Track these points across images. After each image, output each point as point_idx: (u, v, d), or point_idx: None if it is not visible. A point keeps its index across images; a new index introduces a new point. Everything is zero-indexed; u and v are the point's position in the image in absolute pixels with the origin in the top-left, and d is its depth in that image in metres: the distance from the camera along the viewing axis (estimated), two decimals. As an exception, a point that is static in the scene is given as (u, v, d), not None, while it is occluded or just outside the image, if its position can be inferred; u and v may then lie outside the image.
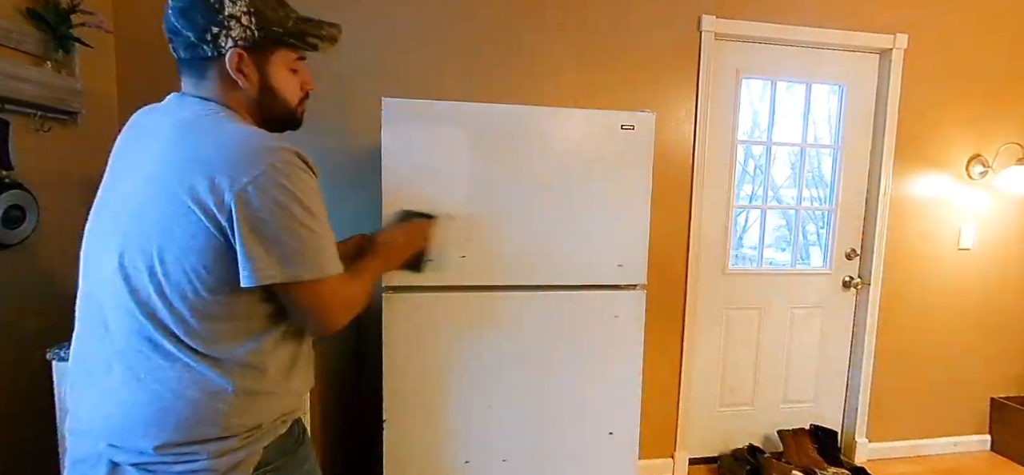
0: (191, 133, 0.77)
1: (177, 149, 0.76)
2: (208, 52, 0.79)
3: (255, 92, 0.84)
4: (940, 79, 2.36)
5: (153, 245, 0.74)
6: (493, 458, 1.55)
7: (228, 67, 0.80)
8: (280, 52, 0.86)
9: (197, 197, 0.72)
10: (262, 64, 0.84)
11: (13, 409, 1.49)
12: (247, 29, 0.79)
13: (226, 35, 0.78)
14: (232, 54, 0.79)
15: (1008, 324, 2.59)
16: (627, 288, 1.57)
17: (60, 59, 1.58)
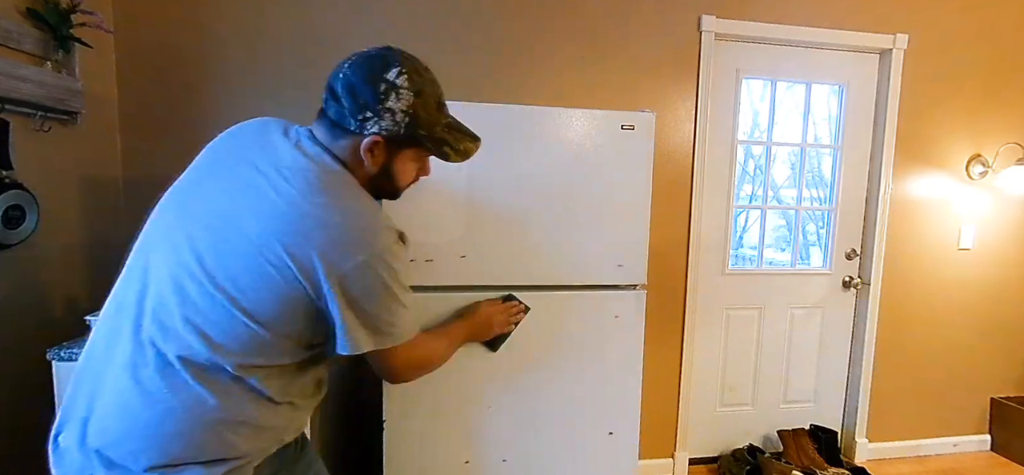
0: (314, 194, 0.77)
1: (296, 206, 0.76)
2: (351, 127, 0.82)
3: (374, 171, 0.86)
4: (940, 79, 2.36)
5: (233, 270, 0.73)
6: (493, 458, 1.55)
7: (362, 146, 0.82)
8: (413, 149, 0.88)
9: (301, 258, 0.74)
10: (392, 154, 0.86)
11: (13, 409, 1.49)
12: (397, 124, 0.82)
13: (375, 122, 0.81)
14: (370, 140, 0.82)
15: (1008, 324, 2.59)
16: (627, 288, 1.57)
17: (60, 59, 1.58)
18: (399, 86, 0.81)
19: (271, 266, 0.73)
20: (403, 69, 0.82)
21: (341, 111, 0.81)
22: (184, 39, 1.89)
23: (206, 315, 0.73)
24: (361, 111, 0.80)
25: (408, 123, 0.83)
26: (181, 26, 1.88)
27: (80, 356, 0.80)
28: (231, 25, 1.90)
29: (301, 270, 0.74)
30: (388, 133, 0.82)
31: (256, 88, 1.93)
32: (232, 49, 1.91)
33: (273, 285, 0.74)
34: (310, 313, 0.77)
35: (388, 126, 0.82)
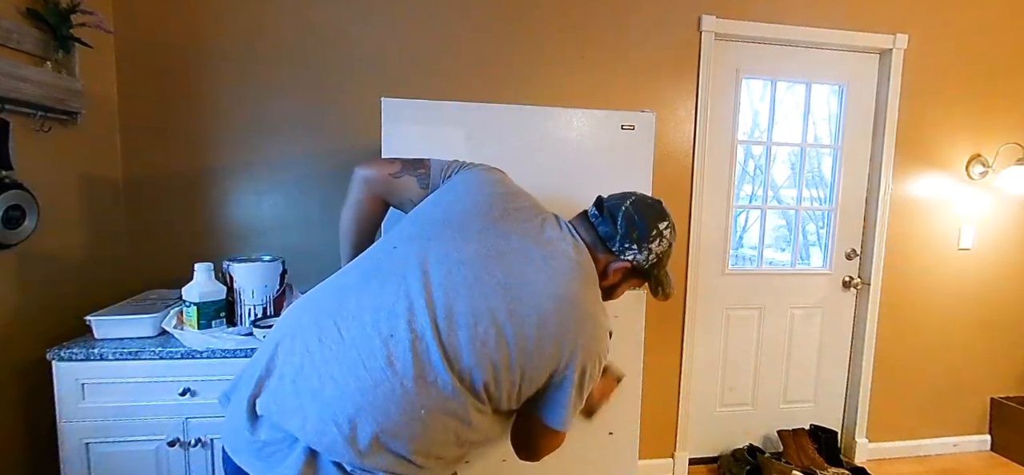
0: (588, 288, 0.90)
1: (574, 295, 0.86)
2: (614, 248, 0.96)
3: (604, 284, 0.98)
4: (940, 79, 2.36)
5: (503, 327, 0.80)
6: (493, 458, 1.55)
7: (612, 264, 0.96)
8: (639, 278, 1.03)
9: (566, 340, 0.84)
10: (625, 278, 1.01)
11: (13, 408, 1.49)
12: (646, 261, 0.97)
13: (632, 252, 0.96)
14: (623, 264, 0.97)
15: (1008, 324, 2.59)
16: (627, 288, 1.57)
17: (60, 59, 1.57)
18: (664, 236, 0.99)
19: (536, 352, 0.82)
20: (671, 225, 1.01)
21: (611, 233, 0.96)
22: (184, 39, 1.89)
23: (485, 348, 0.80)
24: (631, 242, 0.96)
25: (653, 264, 0.99)
26: (181, 26, 1.88)
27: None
28: (231, 25, 1.90)
29: (550, 344, 0.83)
30: (637, 264, 0.98)
31: (256, 88, 1.93)
32: (232, 49, 1.91)
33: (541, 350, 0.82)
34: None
35: (639, 258, 0.97)
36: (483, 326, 0.79)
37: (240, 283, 1.52)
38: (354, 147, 1.99)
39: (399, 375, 0.75)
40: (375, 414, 0.75)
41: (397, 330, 0.77)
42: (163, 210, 1.92)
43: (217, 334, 1.43)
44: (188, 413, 1.42)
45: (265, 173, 1.97)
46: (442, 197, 0.98)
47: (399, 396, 0.75)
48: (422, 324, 0.78)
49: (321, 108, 1.98)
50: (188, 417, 1.42)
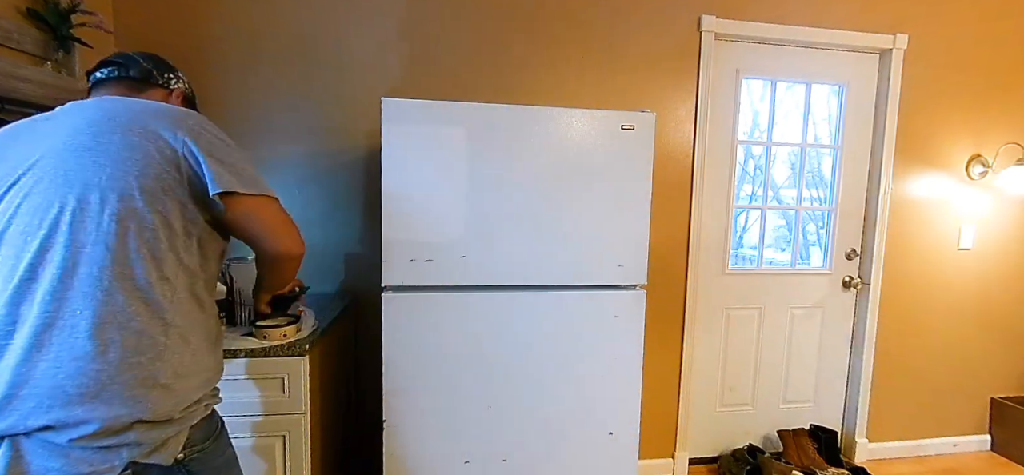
0: (128, 108, 0.92)
1: (120, 113, 0.88)
2: (158, 83, 1.06)
3: None
4: (940, 79, 2.36)
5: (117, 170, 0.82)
6: (493, 458, 1.55)
7: (171, 95, 1.09)
8: None
9: (154, 132, 0.86)
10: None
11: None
12: (189, 89, 1.14)
13: (177, 81, 1.11)
14: (177, 91, 1.10)
15: (1008, 324, 2.59)
16: (627, 288, 1.57)
17: (60, 59, 1.58)
18: (178, 72, 1.12)
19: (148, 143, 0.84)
20: None
21: (145, 70, 1.04)
22: (183, 40, 1.89)
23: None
24: (166, 70, 1.08)
25: (192, 96, 1.15)
26: (180, 26, 1.88)
27: None
28: (230, 25, 1.91)
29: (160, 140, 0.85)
30: (188, 93, 1.13)
31: (256, 88, 1.93)
32: (231, 49, 1.91)
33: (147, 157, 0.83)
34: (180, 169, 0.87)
35: (187, 89, 1.13)
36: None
37: (240, 283, 1.52)
38: (354, 147, 1.99)
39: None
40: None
41: None
42: (163, 210, 1.91)
43: (217, 334, 1.43)
44: (188, 413, 1.41)
45: (265, 173, 1.95)
46: None
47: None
48: None
49: (321, 108, 1.98)
50: (188, 417, 1.41)
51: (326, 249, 2.02)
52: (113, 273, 0.76)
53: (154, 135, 0.84)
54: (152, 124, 0.85)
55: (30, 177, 0.79)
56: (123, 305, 0.76)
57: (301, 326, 1.50)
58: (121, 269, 0.77)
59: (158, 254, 0.81)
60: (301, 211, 2.00)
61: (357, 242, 2.03)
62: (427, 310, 1.45)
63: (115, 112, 0.85)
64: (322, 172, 1.99)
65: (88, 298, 0.75)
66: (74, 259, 0.75)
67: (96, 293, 0.75)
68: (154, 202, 0.81)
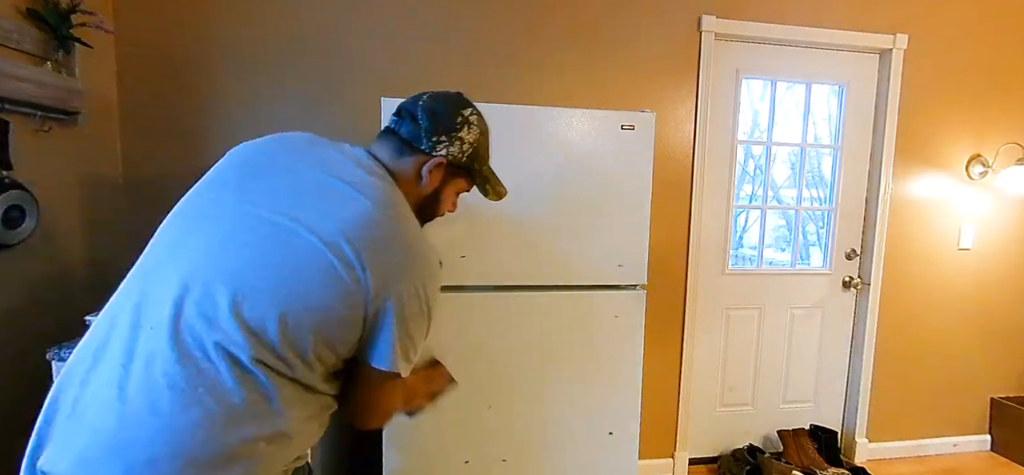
0: (383, 207, 0.80)
1: (368, 212, 0.77)
2: (424, 146, 0.89)
3: (426, 192, 0.93)
4: (940, 79, 2.36)
5: (295, 268, 0.73)
6: (493, 458, 1.55)
7: (425, 165, 0.90)
8: (463, 179, 0.98)
9: (365, 262, 0.74)
10: (446, 178, 0.94)
11: (12, 410, 1.49)
12: (462, 153, 0.92)
13: (446, 146, 0.90)
14: (437, 160, 0.90)
15: (1008, 324, 2.59)
16: (627, 288, 1.57)
17: (60, 59, 1.58)
18: (472, 122, 0.93)
19: (336, 260, 0.73)
20: (475, 110, 0.95)
21: (416, 131, 0.89)
22: (184, 39, 1.89)
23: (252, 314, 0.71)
24: (437, 134, 0.89)
25: (470, 154, 0.93)
26: (181, 26, 1.88)
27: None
28: (231, 25, 1.90)
29: (360, 272, 0.74)
30: (452, 158, 0.91)
31: (256, 87, 1.93)
32: (232, 48, 1.91)
33: (333, 280, 0.73)
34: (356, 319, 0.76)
35: (455, 152, 0.91)
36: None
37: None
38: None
39: None
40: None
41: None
42: (163, 210, 1.90)
43: (217, 334, 1.43)
44: (188, 413, 1.41)
45: (265, 173, 1.97)
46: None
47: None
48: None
49: (321, 108, 1.98)
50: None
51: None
52: None
53: (362, 278, 0.74)
54: (377, 266, 0.74)
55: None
56: None
57: None
58: None
59: None
60: (301, 211, 2.00)
61: (357, 242, 2.03)
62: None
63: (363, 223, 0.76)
64: (322, 172, 1.99)
65: None
66: None
67: None
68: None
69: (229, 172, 0.87)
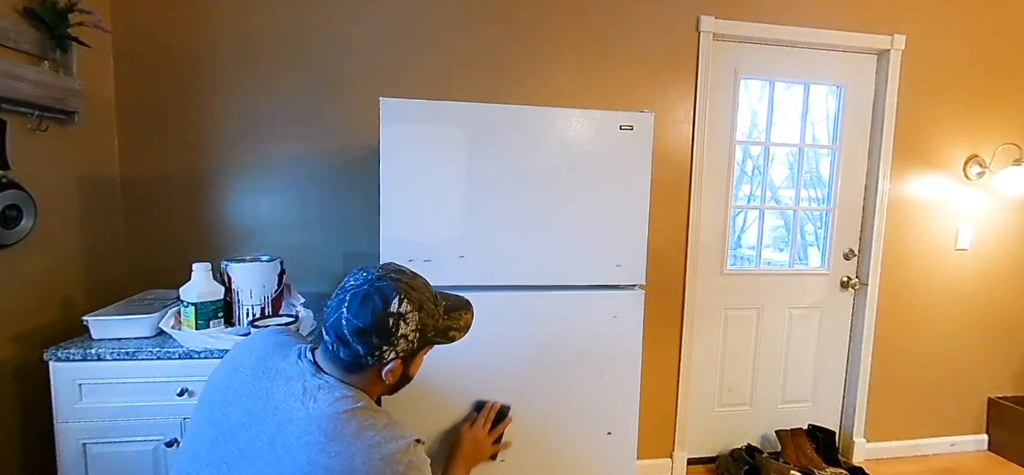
0: (330, 443, 0.78)
1: (315, 464, 0.77)
2: (370, 362, 0.85)
3: (392, 382, 0.91)
4: (938, 80, 2.37)
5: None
6: (492, 458, 1.55)
7: (381, 372, 0.87)
8: (426, 349, 0.94)
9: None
10: (408, 364, 0.92)
11: (10, 409, 1.49)
12: (410, 344, 0.88)
13: (392, 350, 0.86)
14: (390, 365, 0.87)
15: (1005, 324, 2.60)
16: (626, 288, 1.57)
17: (58, 59, 1.57)
18: (404, 313, 0.86)
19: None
20: (401, 295, 0.86)
21: (354, 353, 0.85)
22: (182, 38, 1.88)
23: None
24: (376, 349, 0.84)
25: (419, 337, 0.89)
26: (179, 25, 1.88)
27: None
28: (229, 24, 1.90)
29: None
30: (405, 353, 0.88)
31: (254, 87, 1.93)
32: (230, 48, 1.91)
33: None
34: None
35: (403, 348, 0.87)
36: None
37: (238, 283, 1.51)
38: (353, 147, 1.99)
39: None
40: None
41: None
42: (161, 210, 1.92)
43: (215, 334, 1.43)
44: (186, 413, 1.41)
45: (263, 173, 1.97)
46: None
47: None
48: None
49: (320, 108, 1.97)
50: (186, 418, 1.41)
51: (325, 249, 2.02)
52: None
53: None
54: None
55: None
56: None
57: (300, 327, 1.50)
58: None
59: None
60: (300, 211, 2.00)
61: (356, 242, 2.03)
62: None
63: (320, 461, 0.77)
64: (321, 172, 1.99)
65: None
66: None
67: None
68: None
69: (203, 428, 0.88)
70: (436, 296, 0.95)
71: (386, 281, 0.86)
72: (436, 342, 0.94)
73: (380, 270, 0.89)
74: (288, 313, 1.56)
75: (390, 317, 0.84)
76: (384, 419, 0.84)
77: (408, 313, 0.86)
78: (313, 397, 0.82)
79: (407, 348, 0.87)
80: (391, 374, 0.88)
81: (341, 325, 0.84)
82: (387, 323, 0.84)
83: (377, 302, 0.84)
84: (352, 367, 0.86)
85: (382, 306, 0.84)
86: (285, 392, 0.84)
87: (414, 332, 0.87)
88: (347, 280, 0.89)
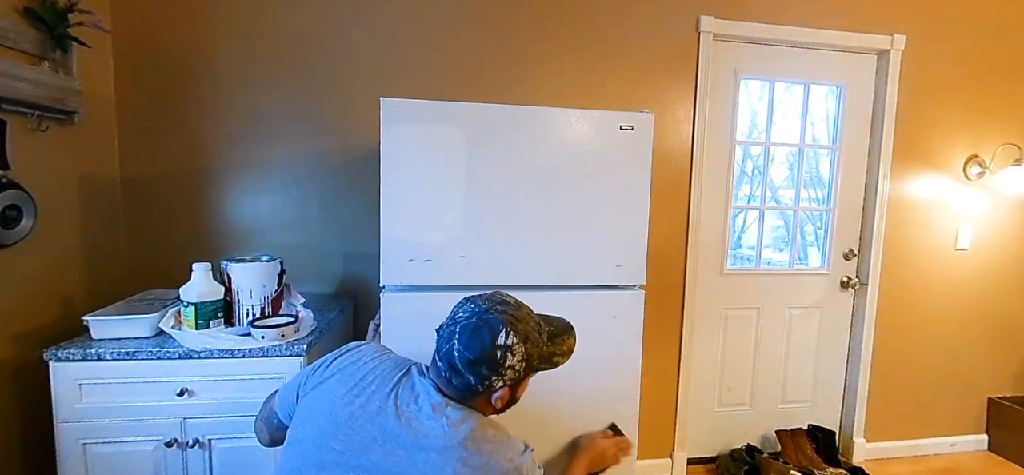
0: (476, 455, 0.85)
1: (467, 469, 0.83)
2: (480, 390, 0.90)
3: (502, 407, 0.96)
4: (938, 80, 2.37)
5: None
6: (492, 458, 1.55)
7: (491, 398, 0.92)
8: (531, 375, 0.98)
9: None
10: (515, 389, 0.96)
11: (10, 409, 1.49)
12: (517, 373, 0.92)
13: (500, 379, 0.90)
14: (502, 392, 0.92)
15: (1005, 324, 2.60)
16: (626, 288, 1.57)
17: (58, 59, 1.57)
18: (511, 346, 0.90)
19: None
20: (508, 328, 0.90)
21: (466, 382, 0.90)
22: (182, 38, 1.88)
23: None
24: (486, 379, 0.89)
25: (525, 366, 0.93)
26: (179, 25, 1.88)
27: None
28: (229, 24, 1.90)
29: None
30: (513, 381, 0.93)
31: (254, 88, 1.93)
32: (230, 48, 1.91)
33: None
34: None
35: (511, 377, 0.92)
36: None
37: (238, 283, 1.51)
38: (353, 147, 1.99)
39: None
40: None
41: None
42: (161, 210, 1.92)
43: (215, 334, 1.43)
44: (185, 413, 1.41)
45: (263, 173, 1.97)
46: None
47: None
48: None
49: (319, 108, 1.97)
50: (185, 418, 1.41)
51: (325, 249, 2.02)
52: None
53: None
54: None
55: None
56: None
57: (299, 327, 1.50)
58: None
59: None
60: (300, 211, 2.00)
61: (356, 242, 2.03)
62: (426, 310, 1.45)
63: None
64: (321, 171, 1.99)
65: None
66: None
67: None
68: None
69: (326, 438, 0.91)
70: (540, 324, 0.99)
71: (493, 314, 0.91)
72: (541, 369, 0.98)
73: (487, 302, 0.93)
74: (288, 313, 1.56)
75: (498, 350, 0.89)
76: (505, 432, 0.92)
77: (515, 345, 0.90)
78: (444, 414, 0.88)
79: (514, 377, 0.92)
80: (500, 400, 0.93)
81: (453, 356, 0.89)
82: (495, 355, 0.89)
83: (486, 336, 0.89)
84: (464, 393, 0.91)
85: (490, 340, 0.89)
86: (416, 410, 0.89)
87: (521, 361, 0.92)
88: (456, 311, 0.95)
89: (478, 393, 0.91)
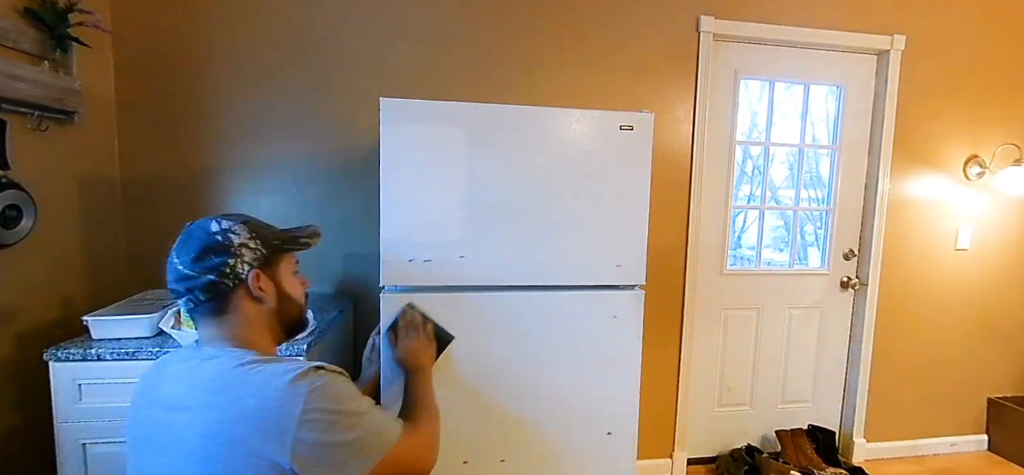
0: (221, 394, 0.77)
1: (216, 413, 0.75)
2: (230, 284, 0.85)
3: (274, 302, 0.91)
4: (937, 80, 2.37)
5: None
6: (492, 458, 1.55)
7: (251, 288, 0.87)
8: (283, 259, 0.94)
9: (257, 453, 0.73)
10: (274, 275, 0.91)
11: (10, 409, 1.49)
12: (256, 250, 0.88)
13: (241, 262, 0.86)
14: (252, 274, 0.86)
15: (1005, 325, 2.60)
16: (626, 288, 1.57)
17: (58, 58, 1.57)
18: (227, 228, 0.87)
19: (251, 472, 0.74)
20: (215, 219, 0.88)
21: (209, 283, 0.84)
22: (181, 38, 1.88)
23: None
24: (224, 266, 0.84)
25: (262, 243, 0.89)
26: (178, 25, 1.88)
27: None
28: (228, 24, 1.90)
29: (269, 463, 0.74)
30: (258, 260, 0.88)
31: (254, 88, 1.93)
32: (229, 47, 1.91)
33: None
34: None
35: (252, 256, 0.87)
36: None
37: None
38: (353, 147, 1.99)
39: None
40: None
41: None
42: (161, 210, 1.91)
43: (215, 334, 1.43)
44: (186, 413, 1.41)
45: (263, 173, 1.97)
46: None
47: None
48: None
49: (319, 108, 1.97)
50: (186, 417, 1.41)
51: (325, 249, 2.01)
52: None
53: (261, 460, 0.73)
54: (258, 445, 0.73)
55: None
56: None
57: None
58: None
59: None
60: (300, 211, 2.00)
61: (356, 242, 2.03)
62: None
63: (218, 427, 0.75)
64: (321, 171, 1.99)
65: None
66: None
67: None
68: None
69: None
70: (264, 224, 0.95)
71: (196, 223, 0.88)
72: (289, 249, 0.94)
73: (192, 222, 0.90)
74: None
75: (216, 235, 0.85)
76: (278, 362, 0.81)
77: (232, 226, 0.87)
78: (198, 374, 0.80)
79: (256, 256, 0.87)
80: (261, 287, 0.87)
81: (178, 270, 0.84)
82: (216, 239, 0.85)
83: (195, 231, 0.87)
84: (221, 305, 0.85)
85: (202, 231, 0.86)
86: (175, 394, 0.82)
87: (252, 238, 0.88)
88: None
89: (229, 291, 0.85)
